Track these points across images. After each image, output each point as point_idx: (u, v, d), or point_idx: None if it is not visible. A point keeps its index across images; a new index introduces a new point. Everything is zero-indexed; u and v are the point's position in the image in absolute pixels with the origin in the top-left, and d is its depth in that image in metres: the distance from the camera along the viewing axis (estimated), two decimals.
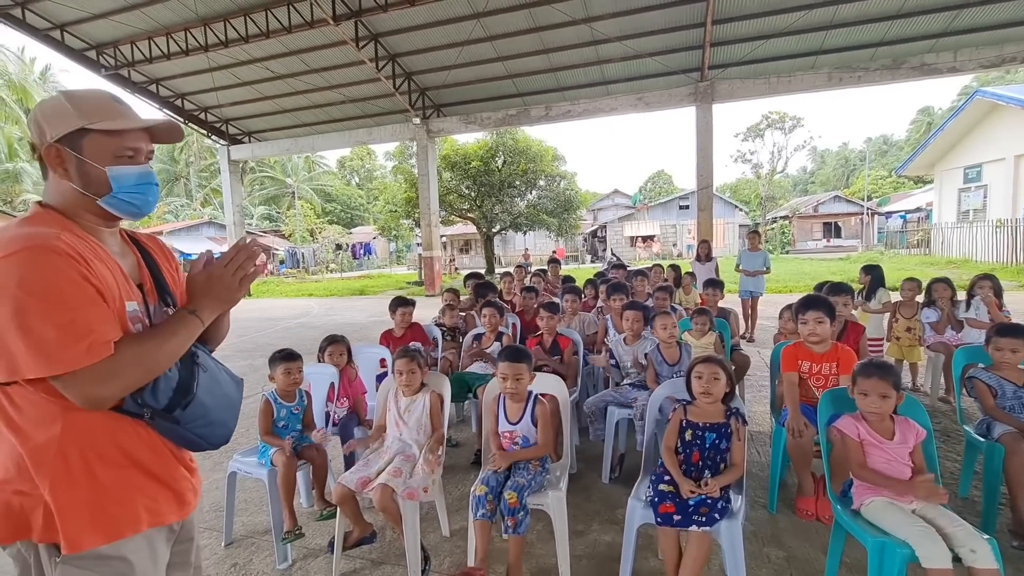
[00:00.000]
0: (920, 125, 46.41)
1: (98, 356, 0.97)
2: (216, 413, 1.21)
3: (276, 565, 2.46)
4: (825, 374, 2.69)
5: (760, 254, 7.30)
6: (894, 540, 1.77)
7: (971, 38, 10.59)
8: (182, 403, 1.12)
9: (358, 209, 45.61)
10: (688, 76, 12.18)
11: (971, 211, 18.28)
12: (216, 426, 1.22)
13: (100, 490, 1.06)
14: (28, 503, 1.03)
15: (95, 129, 1.09)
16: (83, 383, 0.98)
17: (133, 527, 1.09)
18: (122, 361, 1.01)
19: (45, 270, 0.96)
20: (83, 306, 0.98)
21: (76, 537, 1.03)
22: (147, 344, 1.05)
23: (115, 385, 1.01)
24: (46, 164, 1.10)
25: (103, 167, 1.10)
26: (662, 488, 2.02)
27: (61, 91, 1.15)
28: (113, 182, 1.11)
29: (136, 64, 13.47)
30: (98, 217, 1.15)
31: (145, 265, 1.25)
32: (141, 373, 1.04)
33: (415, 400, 2.54)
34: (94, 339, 0.97)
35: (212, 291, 1.16)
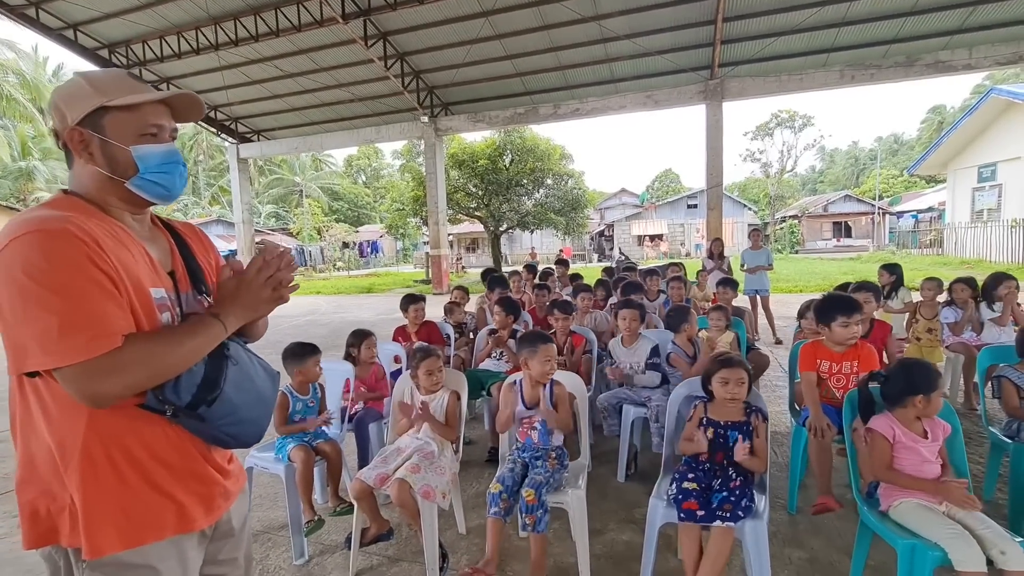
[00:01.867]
0: (931, 124, 45.88)
1: (100, 350, 0.90)
2: (246, 410, 1.14)
3: (293, 560, 2.46)
4: (846, 373, 2.64)
5: (762, 251, 7.34)
6: (925, 542, 1.74)
7: (987, 35, 10.44)
8: (207, 400, 1.04)
9: (365, 208, 45.73)
10: (698, 74, 12.10)
11: (985, 211, 18.05)
12: (247, 424, 1.14)
13: (125, 492, 1.00)
14: (55, 506, 0.99)
15: (114, 106, 1.03)
16: (82, 378, 0.90)
17: (157, 533, 1.03)
18: (127, 358, 0.93)
19: (50, 254, 0.89)
20: (88, 294, 0.91)
21: (97, 541, 0.97)
22: (159, 343, 0.98)
23: (116, 383, 0.92)
24: (70, 150, 1.06)
25: (127, 146, 1.05)
26: (686, 486, 2.00)
27: (77, 72, 1.10)
28: (139, 162, 1.06)
29: (148, 63, 13.58)
30: (126, 202, 1.09)
31: (179, 252, 1.20)
32: (147, 374, 0.96)
33: (434, 399, 2.52)
34: (97, 331, 0.90)
35: (240, 298, 1.09)
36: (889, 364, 2.08)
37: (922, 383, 1.92)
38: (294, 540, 2.47)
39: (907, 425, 1.94)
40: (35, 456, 1.00)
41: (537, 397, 2.38)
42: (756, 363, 4.01)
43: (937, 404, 1.93)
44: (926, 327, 4.40)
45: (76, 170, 1.08)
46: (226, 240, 27.82)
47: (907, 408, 1.94)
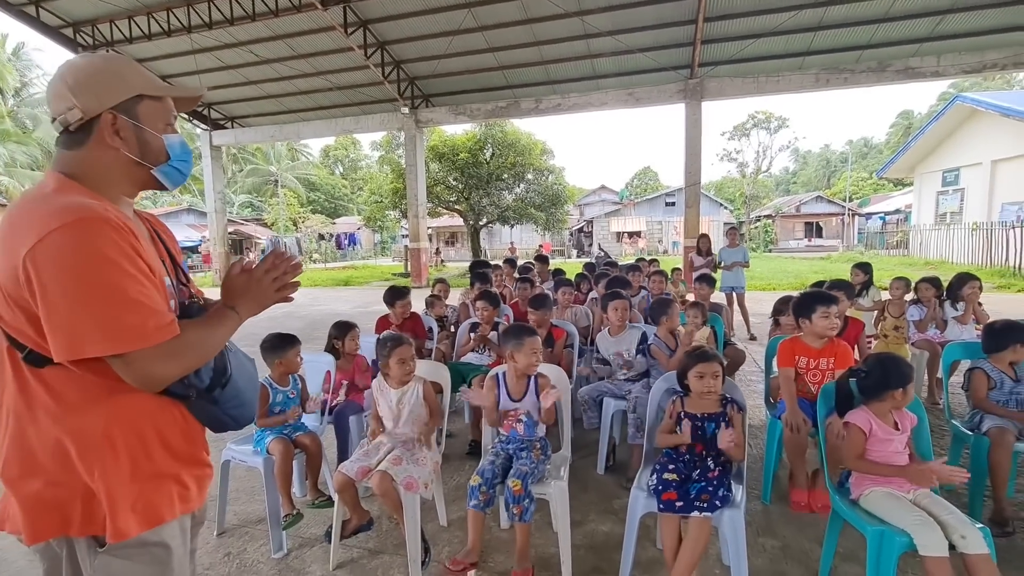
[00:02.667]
0: (900, 128, 47.42)
1: (166, 335, 0.96)
2: (247, 393, 1.22)
3: (271, 554, 2.42)
4: (823, 369, 2.72)
5: (739, 249, 7.57)
6: (892, 529, 1.81)
7: (954, 43, 10.83)
8: (221, 383, 1.12)
9: (342, 199, 45.02)
10: (678, 73, 12.24)
11: (948, 214, 18.77)
12: (247, 406, 1.22)
13: (142, 475, 1.04)
14: (63, 495, 0.99)
15: (148, 96, 1.08)
16: (148, 361, 0.95)
17: (170, 512, 1.07)
18: (186, 343, 1.00)
19: (104, 244, 0.91)
20: (143, 283, 0.95)
21: (124, 524, 1.00)
22: (204, 331, 1.06)
23: (176, 366, 1.00)
24: (87, 132, 1.03)
25: (160, 135, 1.10)
26: (666, 477, 2.03)
27: (91, 55, 1.10)
28: (169, 150, 1.11)
29: (115, 44, 13.06)
30: (134, 188, 1.13)
31: (158, 237, 1.21)
32: (198, 357, 1.04)
33: (405, 391, 2.49)
34: (160, 319, 0.96)
35: (250, 293, 1.14)
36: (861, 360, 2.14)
37: (900, 376, 2.00)
38: (272, 534, 2.43)
39: (882, 417, 2.01)
40: (35, 448, 0.99)
41: (522, 390, 2.38)
42: (732, 358, 4.10)
43: (911, 395, 2.02)
44: (893, 324, 4.56)
45: (88, 153, 1.05)
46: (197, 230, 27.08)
47: (884, 401, 2.01)
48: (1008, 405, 2.63)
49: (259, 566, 2.38)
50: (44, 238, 0.88)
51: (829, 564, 2.18)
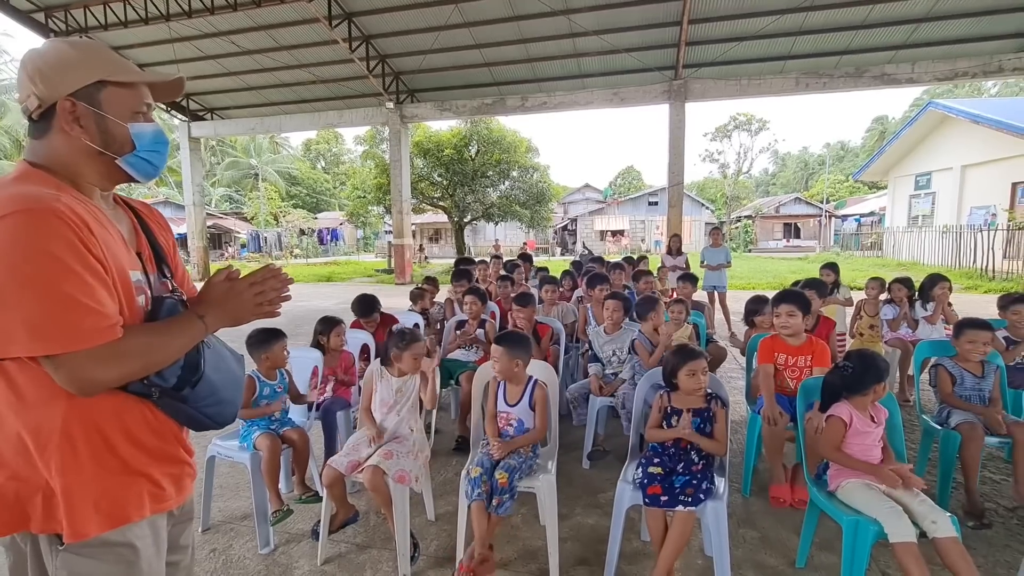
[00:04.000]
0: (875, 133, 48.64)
1: (104, 338, 0.90)
2: (224, 391, 1.16)
3: (258, 550, 2.42)
4: (800, 366, 2.81)
5: (722, 249, 7.69)
6: (866, 518, 1.89)
7: (928, 51, 11.16)
8: (191, 381, 1.07)
9: (324, 194, 44.44)
10: (663, 74, 12.36)
11: (920, 216, 19.33)
12: (225, 404, 1.17)
13: (105, 473, 0.99)
14: (24, 490, 0.96)
15: (112, 82, 1.02)
16: (80, 365, 0.89)
17: (138, 512, 1.03)
18: (127, 348, 0.94)
19: (46, 237, 0.86)
20: (84, 281, 0.89)
21: (81, 523, 0.96)
22: (154, 337, 1.00)
23: (114, 372, 0.93)
24: (48, 120, 1.00)
25: (125, 123, 1.04)
26: (651, 471, 2.09)
27: (56, 40, 1.05)
28: (136, 140, 1.05)
29: (89, 30, 12.65)
30: (103, 179, 1.07)
31: (143, 230, 1.17)
32: (141, 365, 0.97)
33: (407, 381, 2.51)
34: (100, 319, 0.90)
35: (226, 304, 1.10)
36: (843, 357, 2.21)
37: (879, 371, 2.10)
38: (259, 529, 2.43)
39: (861, 411, 2.09)
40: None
41: (518, 395, 2.40)
42: (714, 355, 4.18)
43: (886, 388, 2.11)
44: (868, 323, 4.71)
45: (51, 142, 1.01)
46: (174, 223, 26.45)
47: (866, 395, 2.09)
48: (971, 400, 2.74)
49: (245, 562, 2.37)
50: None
51: (806, 553, 2.27)
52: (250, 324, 1.23)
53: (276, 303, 1.16)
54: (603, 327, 3.62)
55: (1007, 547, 2.38)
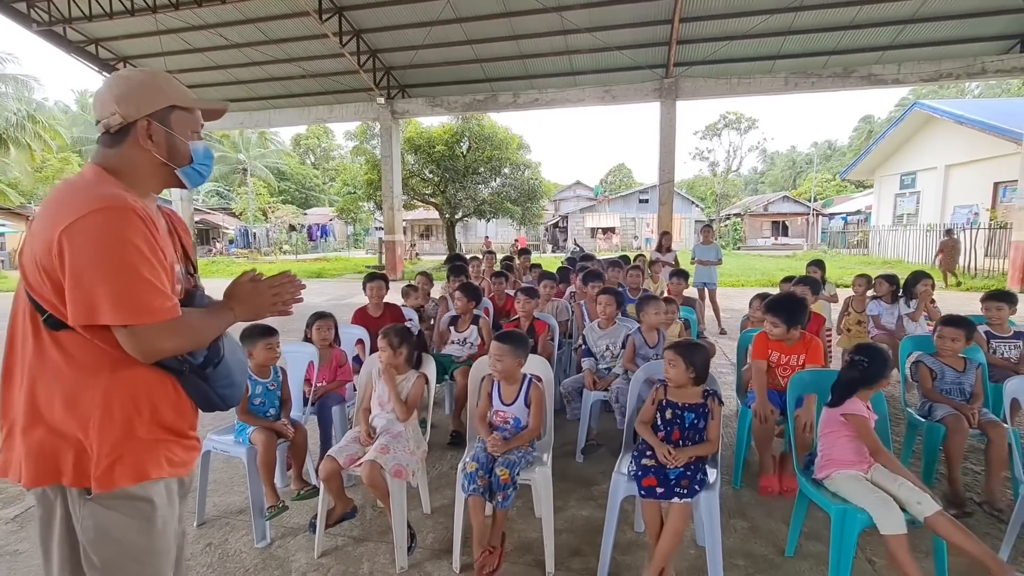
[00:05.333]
0: (862, 132, 49.30)
1: (169, 315, 1.09)
2: (236, 375, 1.33)
3: (254, 544, 2.42)
4: (793, 365, 2.86)
5: (712, 247, 7.77)
6: (854, 507, 1.94)
7: (914, 52, 11.34)
8: (214, 361, 1.24)
9: (314, 190, 44.09)
10: (654, 72, 12.43)
11: (905, 215, 19.66)
12: (236, 387, 1.34)
13: (133, 436, 1.14)
14: (61, 445, 1.10)
15: (179, 106, 1.24)
16: (149, 336, 1.08)
17: (157, 471, 1.18)
18: (184, 325, 1.13)
19: (128, 229, 1.06)
20: (156, 267, 1.09)
21: (109, 477, 1.11)
22: (202, 319, 1.21)
23: (173, 343, 1.12)
24: (125, 134, 1.19)
25: (187, 140, 1.26)
26: (645, 463, 2.12)
27: (137, 70, 1.28)
28: (193, 154, 1.28)
29: (74, 21, 12.42)
30: (160, 185, 1.27)
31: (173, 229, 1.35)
32: (194, 340, 1.17)
33: (403, 380, 2.53)
34: (167, 300, 1.09)
35: (251, 300, 1.30)
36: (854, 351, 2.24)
37: (891, 363, 2.17)
38: (255, 523, 2.43)
39: (864, 403, 2.15)
40: (41, 400, 1.11)
41: (513, 394, 2.42)
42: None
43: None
44: (856, 319, 4.80)
45: (124, 152, 1.20)
46: None
47: (873, 388, 2.14)
48: (952, 394, 2.82)
49: (242, 556, 2.38)
50: (80, 218, 1.03)
51: (795, 541, 2.33)
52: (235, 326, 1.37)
53: (289, 303, 1.37)
54: (597, 322, 3.66)
55: (987, 535, 2.45)
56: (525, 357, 2.46)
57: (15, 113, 22.24)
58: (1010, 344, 3.39)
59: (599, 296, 3.65)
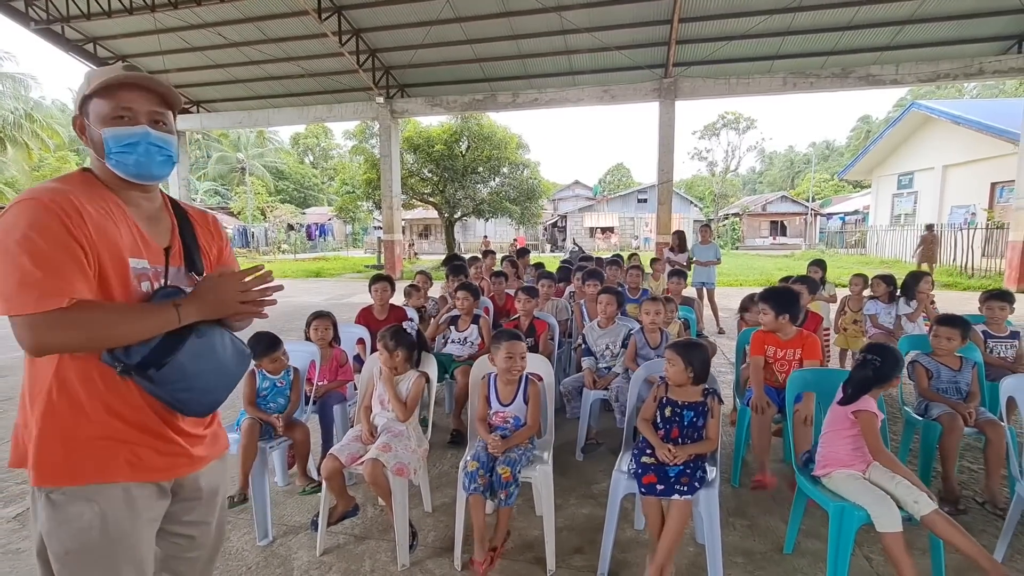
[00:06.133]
0: (860, 132, 49.41)
1: (47, 306, 1.00)
2: (200, 380, 1.20)
3: (256, 542, 2.43)
4: (789, 359, 2.89)
5: (711, 247, 7.80)
6: (851, 504, 1.96)
7: (912, 53, 11.38)
8: (158, 363, 1.12)
9: (312, 189, 44.04)
10: (653, 72, 12.45)
11: (903, 215, 19.72)
12: (197, 392, 1.20)
13: (78, 433, 1.11)
14: (26, 434, 1.13)
15: (92, 92, 1.16)
16: (26, 328, 1.01)
17: (102, 476, 1.12)
18: (68, 319, 1.02)
19: (29, 220, 1.01)
20: (50, 257, 1.01)
21: (42, 472, 1.10)
22: (104, 314, 1.07)
23: (62, 337, 1.03)
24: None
25: (99, 129, 1.16)
26: (645, 460, 2.14)
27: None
28: (106, 143, 1.16)
29: (72, 19, 12.41)
30: (115, 179, 1.20)
31: (180, 232, 1.31)
32: (84, 336, 1.05)
33: (402, 379, 2.54)
34: (48, 290, 1.00)
35: (207, 296, 1.18)
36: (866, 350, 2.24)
37: (902, 363, 2.18)
38: (257, 521, 2.44)
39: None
40: (23, 391, 1.16)
41: (511, 394, 2.43)
42: None
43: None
44: (852, 319, 4.83)
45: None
46: None
47: (885, 387, 2.14)
48: (947, 392, 2.85)
49: (244, 554, 2.39)
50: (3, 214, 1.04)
51: (793, 539, 2.35)
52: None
53: (260, 306, 1.24)
54: (597, 321, 3.68)
55: (983, 532, 2.48)
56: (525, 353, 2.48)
57: (12, 112, 22.23)
58: (1007, 343, 3.42)
59: (599, 295, 3.67)
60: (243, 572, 2.26)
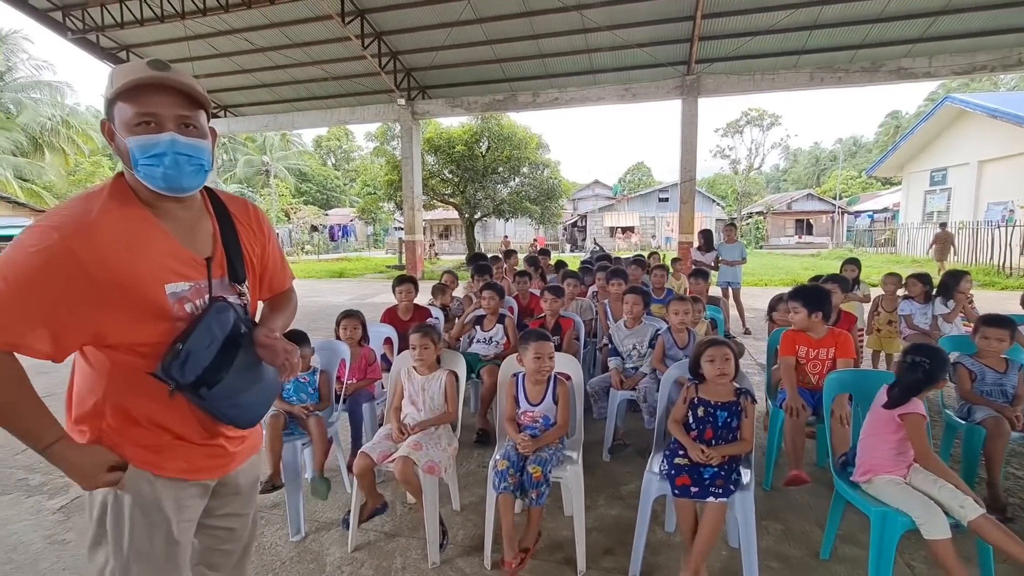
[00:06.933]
0: (889, 128, 47.99)
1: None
2: (246, 397, 1.22)
3: (289, 537, 2.47)
4: (822, 359, 2.82)
5: (736, 246, 7.66)
6: (894, 510, 1.91)
7: (946, 45, 11.00)
8: (209, 382, 1.13)
9: (335, 190, 44.71)
10: (675, 69, 12.29)
11: (935, 213, 19.09)
12: (244, 409, 1.23)
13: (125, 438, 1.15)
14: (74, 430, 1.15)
15: (116, 96, 1.05)
16: None
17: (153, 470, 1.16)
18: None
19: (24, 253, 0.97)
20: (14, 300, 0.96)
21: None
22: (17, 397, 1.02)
23: None
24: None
25: (125, 137, 1.06)
26: (678, 462, 2.11)
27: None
28: (131, 153, 1.06)
29: (106, 29, 12.81)
30: (146, 190, 1.11)
31: (221, 239, 1.23)
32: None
33: (431, 379, 2.56)
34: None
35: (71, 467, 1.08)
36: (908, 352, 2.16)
37: (949, 363, 2.12)
38: (290, 517, 2.48)
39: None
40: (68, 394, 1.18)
41: (540, 394, 2.42)
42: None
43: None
44: (887, 319, 4.69)
45: None
46: None
47: (935, 388, 2.07)
48: (992, 395, 2.74)
49: (277, 548, 2.43)
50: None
51: (831, 544, 2.29)
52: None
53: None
54: (623, 321, 3.65)
55: None
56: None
57: (50, 119, 23.08)
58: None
59: (626, 295, 3.64)
60: (277, 567, 2.30)
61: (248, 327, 1.24)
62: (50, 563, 2.33)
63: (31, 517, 2.72)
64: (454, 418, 2.55)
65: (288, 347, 1.24)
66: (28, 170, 23.03)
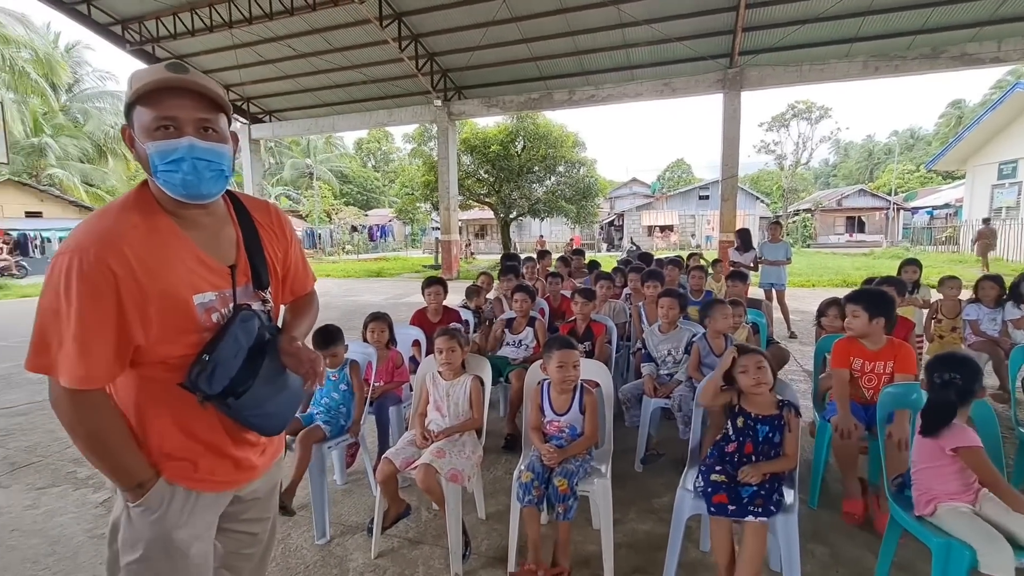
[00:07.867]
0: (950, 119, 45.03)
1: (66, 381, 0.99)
2: (273, 405, 1.20)
3: (315, 540, 2.47)
4: (879, 373, 2.57)
5: (781, 245, 7.24)
6: (959, 541, 1.71)
7: (1016, 27, 10.14)
8: (237, 392, 1.12)
9: (374, 191, 45.69)
10: (717, 62, 11.88)
11: (1004, 208, 17.75)
12: (271, 417, 1.22)
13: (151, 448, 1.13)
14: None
15: (136, 100, 1.02)
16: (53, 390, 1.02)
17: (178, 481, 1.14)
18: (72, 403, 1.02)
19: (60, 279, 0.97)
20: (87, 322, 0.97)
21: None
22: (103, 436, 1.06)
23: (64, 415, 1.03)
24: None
25: (144, 142, 1.03)
26: (714, 478, 1.98)
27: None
28: (151, 159, 1.03)
29: (161, 40, 13.51)
30: (167, 198, 1.09)
31: (245, 246, 1.21)
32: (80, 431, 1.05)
33: (456, 384, 2.50)
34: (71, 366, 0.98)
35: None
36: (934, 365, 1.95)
37: (980, 370, 1.91)
38: (316, 520, 2.48)
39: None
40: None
41: (566, 404, 2.32)
42: (776, 357, 3.96)
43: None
44: (950, 326, 4.33)
45: None
46: None
47: (970, 405, 1.88)
48: None
49: (303, 552, 2.43)
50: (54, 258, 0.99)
51: (886, 574, 2.09)
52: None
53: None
54: (657, 325, 3.50)
55: None
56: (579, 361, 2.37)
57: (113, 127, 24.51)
58: None
59: (660, 299, 3.48)
60: (301, 570, 2.30)
61: (272, 333, 1.23)
62: (88, 557, 2.41)
63: (76, 510, 2.84)
64: (479, 425, 2.49)
65: (312, 355, 1.22)
66: (93, 175, 24.60)
